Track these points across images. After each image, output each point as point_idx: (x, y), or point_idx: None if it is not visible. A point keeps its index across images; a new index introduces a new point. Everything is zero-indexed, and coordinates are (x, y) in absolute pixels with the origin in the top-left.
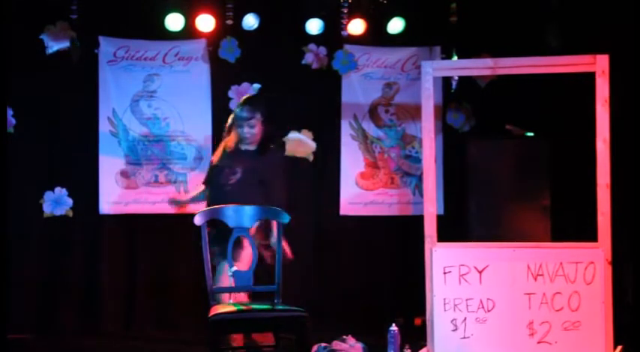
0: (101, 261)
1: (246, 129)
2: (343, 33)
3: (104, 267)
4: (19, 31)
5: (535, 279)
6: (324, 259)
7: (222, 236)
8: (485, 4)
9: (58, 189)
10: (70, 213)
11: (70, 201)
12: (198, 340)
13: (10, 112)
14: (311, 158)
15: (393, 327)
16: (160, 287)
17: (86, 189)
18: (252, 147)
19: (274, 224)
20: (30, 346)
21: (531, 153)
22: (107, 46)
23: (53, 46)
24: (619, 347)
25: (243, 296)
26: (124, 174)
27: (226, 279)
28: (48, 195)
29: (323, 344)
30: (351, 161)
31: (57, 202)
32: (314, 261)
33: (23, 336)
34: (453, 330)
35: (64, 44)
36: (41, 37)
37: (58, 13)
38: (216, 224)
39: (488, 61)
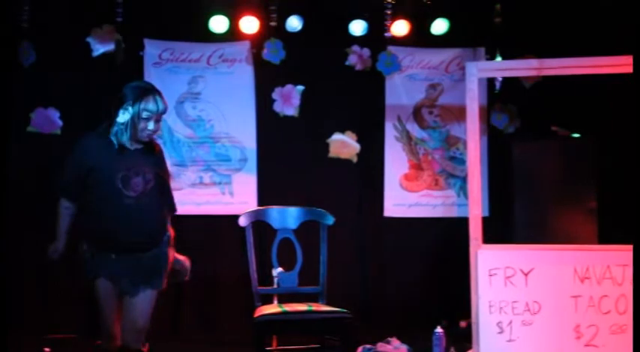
0: None
1: (154, 125)
2: (387, 34)
3: None
4: (65, 34)
5: (582, 282)
6: (368, 261)
7: None
8: (529, 5)
9: None
10: None
11: None
12: (243, 341)
13: (57, 114)
14: (355, 159)
15: (438, 329)
16: (205, 288)
17: None
18: (140, 146)
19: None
20: (75, 346)
21: (577, 154)
22: (152, 49)
23: (99, 49)
24: None
25: None
26: None
27: None
28: None
29: (367, 346)
30: (395, 162)
31: None
32: (358, 263)
33: (67, 336)
34: (499, 333)
35: (110, 47)
36: (87, 39)
37: (104, 16)
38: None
39: (533, 62)
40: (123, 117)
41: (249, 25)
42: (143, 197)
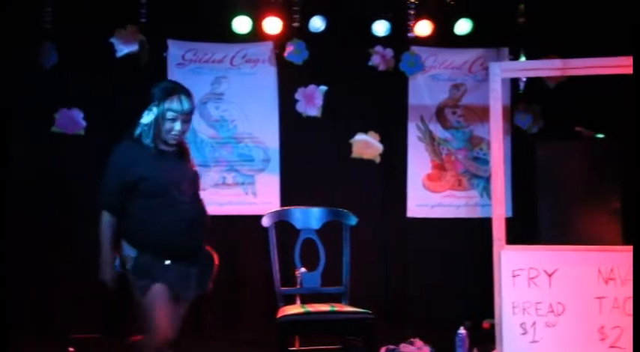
0: None
1: (181, 125)
2: (410, 34)
3: None
4: (89, 35)
5: (606, 283)
6: (391, 261)
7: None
8: (553, 5)
9: None
10: None
11: None
12: (265, 341)
13: (80, 115)
14: (378, 160)
15: (461, 330)
16: (228, 288)
17: None
18: (172, 148)
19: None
20: (98, 346)
21: (602, 154)
22: (175, 49)
23: (123, 50)
24: None
25: None
26: None
27: None
28: None
29: (390, 347)
30: (418, 163)
31: None
32: (381, 264)
33: (92, 336)
34: (522, 334)
35: (134, 47)
36: (111, 40)
37: (128, 17)
38: None
39: (557, 62)
40: (147, 117)
41: (272, 25)
42: (194, 201)
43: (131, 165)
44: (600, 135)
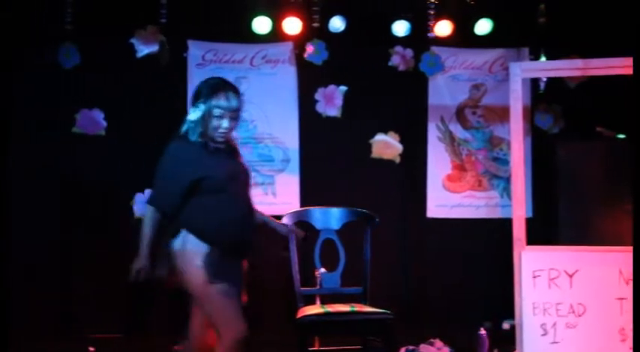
0: None
1: (228, 123)
2: (430, 34)
3: None
4: (109, 35)
5: (627, 284)
6: (411, 262)
7: None
8: (574, 4)
9: (148, 192)
10: None
11: None
12: (285, 341)
13: (101, 115)
14: (397, 160)
15: (481, 331)
16: (248, 288)
17: None
18: (222, 145)
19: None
20: (119, 346)
21: (623, 155)
22: (196, 50)
23: (143, 50)
24: None
25: None
26: None
27: None
28: (138, 197)
29: (410, 347)
30: (438, 163)
31: None
32: (400, 264)
33: (112, 336)
34: (543, 335)
35: (154, 48)
36: (131, 41)
37: (148, 18)
38: None
39: (578, 62)
40: (194, 114)
41: (292, 25)
42: (247, 197)
43: (190, 164)
44: (621, 136)
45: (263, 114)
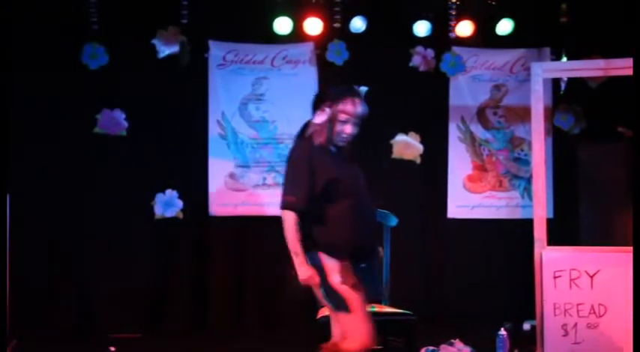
0: (210, 261)
1: (355, 129)
2: (451, 35)
3: (213, 268)
4: (131, 36)
5: None
6: (432, 262)
7: None
8: (596, 4)
9: (168, 192)
10: (180, 215)
11: (180, 203)
12: (305, 341)
13: (122, 115)
14: (418, 160)
15: (502, 332)
16: (268, 287)
17: (196, 191)
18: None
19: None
20: (139, 345)
21: None
22: (217, 50)
23: (164, 51)
24: None
25: None
26: (232, 176)
27: None
28: (159, 197)
29: (431, 348)
30: (459, 164)
31: (168, 204)
32: (421, 264)
33: (132, 336)
34: (564, 335)
35: (175, 48)
36: (153, 41)
37: (170, 18)
38: None
39: (600, 62)
40: (319, 118)
41: (313, 26)
42: (370, 199)
43: (318, 166)
44: None
45: (284, 115)
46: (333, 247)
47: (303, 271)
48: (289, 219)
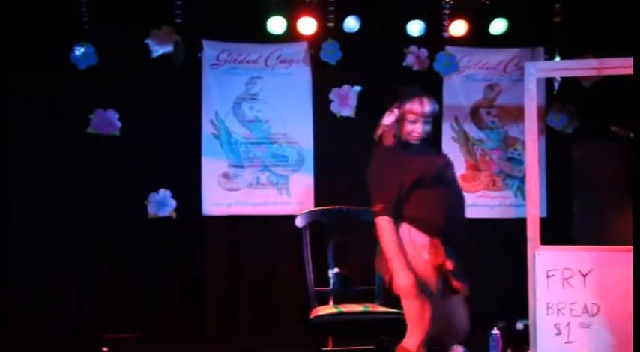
0: (204, 261)
1: (427, 127)
2: (445, 34)
3: (206, 268)
4: (124, 35)
5: None
6: None
7: None
8: (589, 4)
9: (162, 191)
10: (174, 215)
11: (173, 203)
12: (298, 341)
13: (115, 115)
14: None
15: (495, 331)
16: (262, 288)
17: (189, 190)
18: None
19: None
20: (134, 346)
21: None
22: (210, 50)
23: (158, 50)
24: None
25: None
26: (226, 176)
27: None
28: (152, 197)
29: None
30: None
31: (161, 204)
32: None
33: (127, 336)
34: (557, 334)
35: (169, 48)
36: (146, 41)
37: (163, 18)
38: None
39: (593, 62)
40: (388, 119)
41: (307, 25)
42: (457, 187)
43: (399, 167)
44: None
45: (277, 114)
46: (424, 222)
47: (403, 277)
48: (384, 224)
